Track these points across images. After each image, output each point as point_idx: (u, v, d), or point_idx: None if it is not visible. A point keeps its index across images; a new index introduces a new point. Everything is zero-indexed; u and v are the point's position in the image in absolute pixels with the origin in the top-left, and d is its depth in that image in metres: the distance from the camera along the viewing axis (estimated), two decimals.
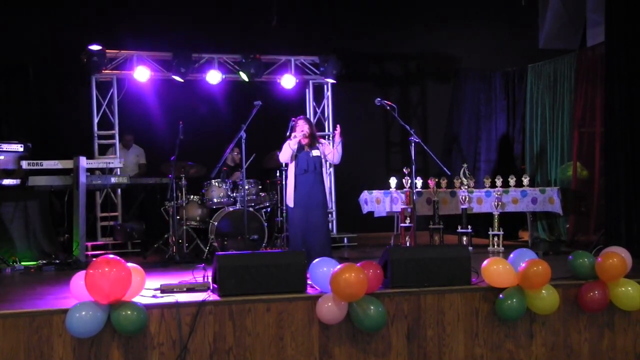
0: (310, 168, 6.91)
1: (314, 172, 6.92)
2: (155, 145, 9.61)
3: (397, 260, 5.25)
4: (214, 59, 9.51)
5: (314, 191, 6.90)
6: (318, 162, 6.96)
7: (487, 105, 11.05)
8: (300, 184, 6.92)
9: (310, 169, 6.91)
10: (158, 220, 8.57)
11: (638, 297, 5.26)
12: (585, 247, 7.14)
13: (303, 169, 6.92)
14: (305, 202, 6.88)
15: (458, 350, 5.18)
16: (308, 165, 6.91)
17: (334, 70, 9.80)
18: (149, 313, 4.64)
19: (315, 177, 6.93)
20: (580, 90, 9.29)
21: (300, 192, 6.91)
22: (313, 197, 6.89)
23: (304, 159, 6.93)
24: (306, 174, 6.91)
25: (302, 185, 6.91)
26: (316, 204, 6.89)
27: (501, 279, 5.20)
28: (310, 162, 6.92)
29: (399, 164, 11.04)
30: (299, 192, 6.91)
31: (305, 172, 6.91)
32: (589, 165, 9.07)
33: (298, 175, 6.95)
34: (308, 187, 6.90)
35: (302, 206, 6.89)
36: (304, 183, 6.91)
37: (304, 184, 6.91)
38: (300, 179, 6.93)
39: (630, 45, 7.26)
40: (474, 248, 8.18)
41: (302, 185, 6.91)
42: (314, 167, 6.92)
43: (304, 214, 6.88)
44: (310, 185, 6.90)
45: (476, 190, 8.74)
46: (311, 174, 6.92)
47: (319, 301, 4.88)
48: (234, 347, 4.83)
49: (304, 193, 6.90)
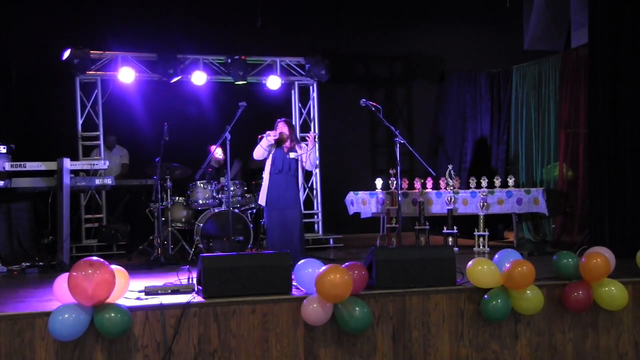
0: (284, 169, 7.06)
1: (287, 173, 7.06)
2: (141, 147, 9.56)
3: (382, 261, 5.25)
4: (199, 60, 9.48)
5: (287, 191, 7.04)
6: (294, 163, 7.11)
7: (473, 106, 11.09)
8: (273, 184, 7.06)
9: (285, 169, 7.06)
10: (143, 222, 8.54)
11: (621, 297, 5.30)
12: (570, 247, 7.18)
13: (278, 169, 7.07)
14: (278, 202, 7.02)
15: (443, 351, 5.18)
16: (283, 165, 7.06)
17: (319, 72, 9.80)
18: (133, 315, 4.61)
19: (288, 178, 7.07)
20: (564, 91, 9.35)
21: (273, 192, 7.05)
22: (286, 197, 7.03)
23: (279, 160, 7.07)
24: (280, 174, 7.05)
25: (275, 185, 7.05)
26: (289, 204, 7.02)
27: (486, 280, 5.21)
28: (285, 163, 7.06)
29: (385, 164, 11.07)
30: (272, 192, 7.06)
31: (279, 172, 7.05)
32: (573, 166, 9.13)
33: (272, 175, 7.10)
34: (281, 187, 7.04)
35: (275, 206, 7.03)
36: (277, 183, 7.05)
37: (277, 183, 7.05)
38: (274, 178, 7.08)
39: (614, 47, 7.30)
40: (460, 249, 8.21)
41: (275, 185, 7.05)
42: (288, 168, 7.06)
43: (278, 214, 7.00)
44: (284, 185, 7.04)
45: (462, 191, 8.77)
46: (285, 174, 7.06)
47: (304, 302, 4.87)
48: (219, 349, 4.80)
49: (276, 193, 7.04)
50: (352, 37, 11.15)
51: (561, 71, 9.49)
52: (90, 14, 9.73)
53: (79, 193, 8.83)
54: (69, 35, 9.23)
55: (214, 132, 7.96)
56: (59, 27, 9.53)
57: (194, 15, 10.12)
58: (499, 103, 10.82)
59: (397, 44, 11.54)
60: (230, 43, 9.95)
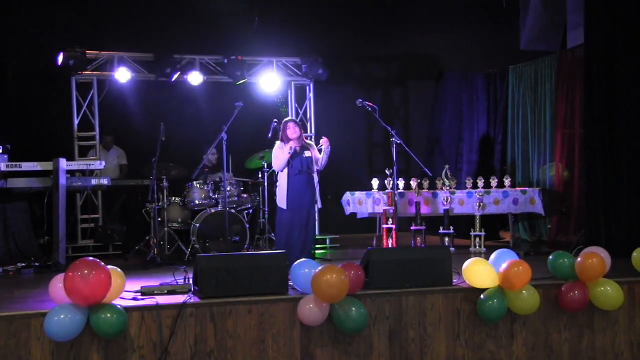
0: (304, 168, 7.02)
1: (306, 173, 7.02)
2: (137, 147, 9.54)
3: (379, 262, 5.26)
4: (195, 60, 9.47)
5: (308, 191, 7.02)
6: (311, 162, 7.09)
7: (469, 106, 11.10)
8: (293, 185, 7.00)
9: (304, 169, 7.02)
10: (139, 222, 8.51)
11: (617, 296, 5.31)
12: (566, 247, 7.19)
13: (297, 169, 7.03)
14: (298, 202, 6.98)
15: (439, 351, 5.19)
16: (302, 165, 7.03)
17: (316, 71, 9.80)
18: (129, 315, 4.61)
19: (308, 177, 7.04)
20: (560, 91, 9.36)
21: (294, 193, 6.99)
22: (307, 196, 7.01)
23: (297, 160, 7.04)
24: (300, 175, 6.99)
25: (295, 186, 7.00)
26: (308, 203, 7.02)
27: (482, 280, 5.22)
28: (304, 163, 7.03)
29: (381, 165, 11.05)
30: (293, 193, 6.99)
31: (300, 173, 7.00)
32: (569, 166, 9.14)
33: (291, 176, 7.02)
34: (302, 187, 7.01)
35: (296, 207, 6.98)
36: (297, 183, 7.00)
37: (298, 184, 7.00)
38: (294, 179, 7.00)
39: (609, 48, 7.32)
40: (456, 249, 8.22)
41: (296, 185, 7.00)
42: (307, 167, 7.03)
43: (295, 215, 6.96)
44: (304, 185, 7.02)
45: (458, 191, 8.77)
46: (304, 174, 7.02)
47: (300, 302, 4.87)
48: (215, 350, 4.80)
49: (298, 194, 6.99)
50: (349, 37, 11.15)
51: (557, 71, 9.49)
52: (86, 14, 9.72)
53: (75, 193, 8.81)
54: (64, 35, 9.23)
55: (210, 132, 7.95)
56: (55, 27, 9.51)
57: (190, 15, 10.10)
58: (496, 103, 10.83)
59: (393, 44, 11.55)
60: (226, 43, 9.94)
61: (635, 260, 5.65)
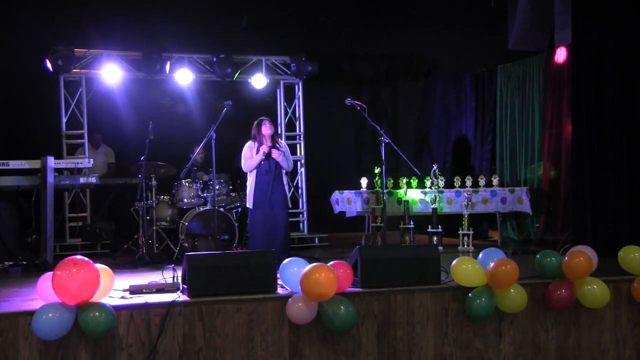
0: (272, 168, 7.03)
1: (274, 172, 7.03)
2: (125, 145, 9.52)
3: (367, 260, 5.27)
4: (184, 58, 9.46)
5: (275, 190, 7.03)
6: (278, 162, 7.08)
7: (457, 106, 11.14)
8: (259, 185, 7.02)
9: (272, 169, 7.02)
10: (128, 221, 8.49)
11: (603, 295, 5.35)
12: (554, 246, 7.24)
13: (265, 169, 7.04)
14: (266, 201, 6.99)
15: (428, 349, 5.21)
16: (270, 165, 7.03)
17: (305, 70, 9.81)
18: (118, 314, 4.59)
19: (275, 177, 7.05)
20: (548, 91, 9.42)
21: (261, 193, 7.02)
22: (274, 196, 7.01)
23: (265, 160, 7.05)
24: (267, 175, 7.01)
25: (262, 186, 7.02)
26: (277, 202, 7.01)
27: (470, 278, 5.24)
28: (272, 163, 7.05)
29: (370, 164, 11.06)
30: (260, 193, 7.02)
31: (267, 173, 7.00)
32: (556, 165, 9.20)
33: (259, 176, 7.05)
34: (269, 187, 7.02)
35: (263, 206, 6.99)
36: (264, 183, 7.02)
37: (265, 184, 7.02)
38: (261, 179, 7.04)
39: (596, 48, 7.36)
40: (444, 248, 8.24)
41: (263, 185, 7.02)
42: (274, 167, 7.03)
43: (264, 214, 6.97)
44: (271, 184, 7.02)
45: (446, 191, 8.81)
46: (271, 174, 7.02)
47: (289, 301, 4.88)
48: (204, 348, 4.80)
49: (264, 193, 7.01)
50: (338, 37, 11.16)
51: (545, 71, 9.55)
52: (75, 11, 9.66)
53: (63, 192, 8.77)
54: (52, 33, 9.17)
55: (199, 131, 7.95)
56: (43, 24, 9.46)
57: (179, 14, 10.08)
58: (484, 103, 10.88)
59: (382, 43, 11.57)
60: (215, 41, 9.93)
61: (621, 259, 5.69)
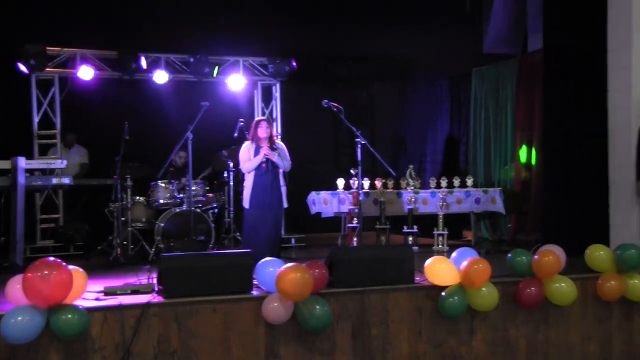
0: (270, 168, 6.96)
1: (272, 173, 6.97)
2: (100, 146, 9.42)
3: (342, 260, 5.31)
4: (161, 59, 9.43)
5: (274, 190, 6.97)
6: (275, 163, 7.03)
7: (433, 108, 11.25)
8: (258, 185, 6.95)
9: (270, 168, 6.96)
10: (102, 222, 8.42)
11: (571, 292, 5.47)
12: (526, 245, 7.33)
13: (264, 169, 6.96)
14: (264, 201, 6.93)
15: (402, 348, 5.26)
16: (268, 165, 6.96)
17: (282, 71, 9.82)
18: (91, 316, 4.56)
19: (274, 177, 6.99)
20: (521, 94, 9.55)
21: (259, 193, 6.94)
22: (272, 195, 6.96)
23: (264, 161, 6.96)
24: (266, 175, 6.95)
25: (261, 186, 6.94)
26: (275, 202, 6.97)
27: (443, 278, 5.32)
28: (269, 163, 6.96)
29: (347, 165, 11.10)
30: (259, 193, 6.95)
31: (266, 173, 6.94)
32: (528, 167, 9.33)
33: (257, 176, 6.98)
34: (266, 187, 6.95)
35: (260, 206, 6.93)
36: (262, 183, 6.95)
37: (262, 183, 6.94)
38: (260, 179, 6.96)
39: (566, 53, 7.48)
40: (420, 248, 8.31)
41: (262, 185, 6.94)
42: (273, 167, 6.97)
43: (261, 215, 6.91)
44: (269, 185, 6.95)
45: (422, 191, 8.88)
46: (270, 173, 6.96)
47: (265, 301, 4.90)
48: (179, 349, 4.79)
49: (261, 193, 6.94)
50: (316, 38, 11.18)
51: (518, 75, 9.69)
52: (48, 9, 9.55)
53: (34, 193, 8.67)
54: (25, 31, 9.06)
55: (175, 131, 7.92)
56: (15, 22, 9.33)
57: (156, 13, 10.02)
58: (459, 105, 10.99)
59: (360, 45, 11.59)
60: (193, 42, 9.89)
61: (587, 258, 5.82)
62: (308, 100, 10.65)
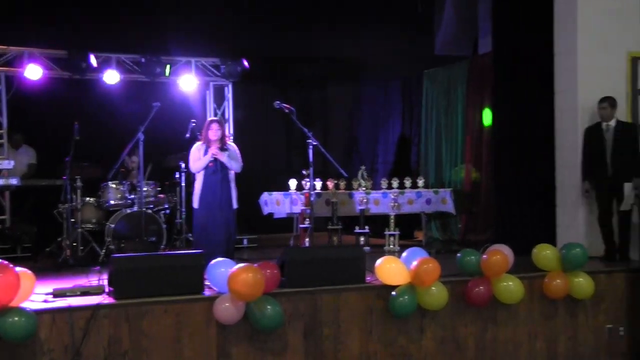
0: (218, 167, 6.91)
1: (221, 172, 6.93)
2: (50, 146, 9.25)
3: (294, 261, 5.36)
4: (112, 58, 9.31)
5: (223, 191, 6.92)
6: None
7: (386, 109, 11.38)
8: (207, 185, 6.91)
9: (219, 168, 6.92)
10: (51, 224, 8.27)
11: (518, 291, 5.62)
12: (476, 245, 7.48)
13: (212, 170, 6.92)
14: (213, 202, 6.88)
15: (353, 347, 5.33)
16: (217, 167, 6.91)
17: (235, 72, 9.80)
18: (39, 318, 4.49)
19: (223, 177, 6.94)
20: (471, 96, 9.74)
21: (209, 193, 6.90)
22: (222, 196, 6.91)
23: (214, 160, 6.92)
24: (215, 175, 6.90)
25: (210, 186, 6.90)
26: (224, 203, 6.92)
27: (394, 277, 5.40)
28: (219, 164, 6.91)
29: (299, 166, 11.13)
30: (207, 193, 6.90)
31: (214, 174, 6.90)
32: (478, 167, 9.52)
33: (207, 176, 6.93)
34: (215, 187, 6.90)
35: (209, 207, 6.88)
36: (211, 183, 6.90)
37: (212, 184, 6.90)
38: (209, 179, 6.91)
39: (515, 55, 7.67)
40: (371, 248, 8.37)
41: (211, 185, 6.90)
42: (221, 168, 6.92)
43: (210, 215, 6.87)
44: (218, 185, 6.91)
45: (373, 192, 8.96)
46: (219, 173, 6.92)
47: (217, 301, 4.91)
48: (130, 350, 4.76)
49: (212, 193, 6.89)
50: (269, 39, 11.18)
51: (468, 76, 9.87)
52: None
53: None
54: None
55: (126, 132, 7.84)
56: None
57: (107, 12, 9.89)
58: (411, 106, 11.14)
59: (313, 46, 11.64)
60: (144, 42, 9.79)
61: (534, 257, 5.98)
62: (260, 101, 10.68)
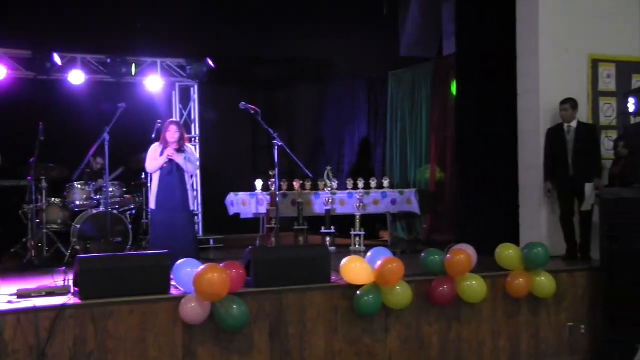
0: (173, 169, 6.91)
1: (177, 173, 6.93)
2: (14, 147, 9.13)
3: (260, 261, 5.40)
4: (77, 59, 9.24)
5: (177, 192, 6.92)
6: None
7: (351, 110, 11.48)
8: (162, 186, 6.91)
9: (174, 169, 6.92)
10: (16, 224, 8.19)
11: (481, 290, 5.73)
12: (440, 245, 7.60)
13: (168, 170, 6.91)
14: (168, 203, 6.88)
15: (318, 346, 5.38)
16: (172, 168, 6.91)
17: (201, 73, 9.81)
18: (4, 319, 4.49)
19: (179, 178, 6.94)
20: (436, 97, 9.89)
21: (164, 194, 6.90)
22: (176, 198, 6.90)
23: (168, 162, 6.91)
24: (171, 175, 6.91)
25: (165, 187, 6.90)
26: (180, 205, 6.91)
27: (359, 277, 5.47)
28: (174, 165, 6.91)
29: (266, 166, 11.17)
30: (162, 194, 6.90)
31: (170, 174, 6.90)
32: (442, 168, 9.67)
33: (163, 177, 6.93)
34: (171, 188, 6.90)
35: (165, 208, 6.89)
36: (167, 184, 6.90)
37: (168, 184, 6.90)
38: (164, 180, 6.91)
39: (479, 56, 7.80)
40: (337, 248, 8.48)
41: (166, 186, 6.90)
42: (177, 169, 6.92)
43: (166, 216, 6.88)
44: (174, 186, 6.91)
45: (339, 192, 9.04)
46: (175, 175, 6.92)
47: (182, 301, 4.93)
48: (96, 351, 4.76)
49: (167, 195, 6.89)
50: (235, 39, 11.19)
51: (433, 78, 10.01)
52: None
53: None
54: None
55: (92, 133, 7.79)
56: None
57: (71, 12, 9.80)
58: (376, 107, 11.26)
59: (280, 47, 11.67)
60: (110, 42, 9.73)
61: (497, 256, 6.10)
62: (226, 102, 10.66)
